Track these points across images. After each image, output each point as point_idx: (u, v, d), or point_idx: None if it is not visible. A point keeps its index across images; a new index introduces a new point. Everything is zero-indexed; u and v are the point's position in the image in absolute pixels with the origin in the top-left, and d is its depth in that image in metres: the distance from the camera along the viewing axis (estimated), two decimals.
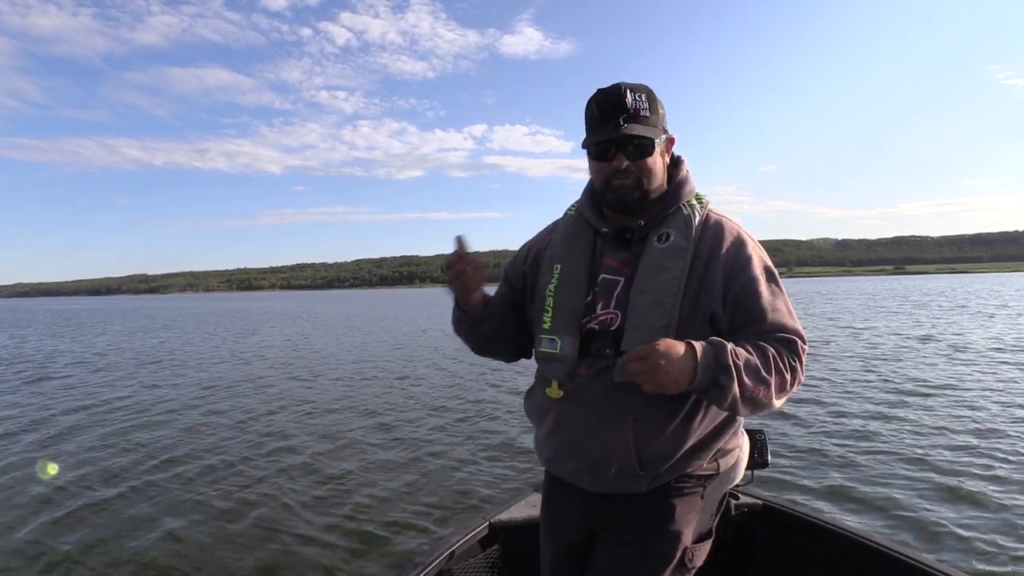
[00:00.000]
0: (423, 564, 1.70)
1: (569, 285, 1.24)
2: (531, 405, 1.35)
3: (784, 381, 1.09)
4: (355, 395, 8.12)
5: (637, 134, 1.14)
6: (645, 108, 1.15)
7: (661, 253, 1.17)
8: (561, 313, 1.22)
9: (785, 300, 1.17)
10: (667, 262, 1.15)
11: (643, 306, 1.14)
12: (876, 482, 4.09)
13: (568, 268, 1.25)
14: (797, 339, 1.13)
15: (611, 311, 1.18)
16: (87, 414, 7.13)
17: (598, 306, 1.20)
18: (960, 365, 9.03)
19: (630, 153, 1.15)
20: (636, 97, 1.15)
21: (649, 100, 1.17)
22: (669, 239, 1.17)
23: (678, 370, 1.00)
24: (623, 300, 1.17)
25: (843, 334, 14.22)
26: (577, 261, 1.25)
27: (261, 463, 4.95)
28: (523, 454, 4.97)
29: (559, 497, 1.33)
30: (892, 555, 1.66)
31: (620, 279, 1.20)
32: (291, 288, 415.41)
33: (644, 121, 1.15)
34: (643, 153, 1.16)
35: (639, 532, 1.21)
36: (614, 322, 1.17)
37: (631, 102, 1.14)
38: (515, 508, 2.07)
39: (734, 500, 1.93)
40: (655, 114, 1.17)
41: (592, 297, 1.21)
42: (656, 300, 1.13)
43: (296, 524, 3.68)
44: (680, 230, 1.18)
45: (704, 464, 1.21)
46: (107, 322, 31.33)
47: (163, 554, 3.32)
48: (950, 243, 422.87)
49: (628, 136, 1.14)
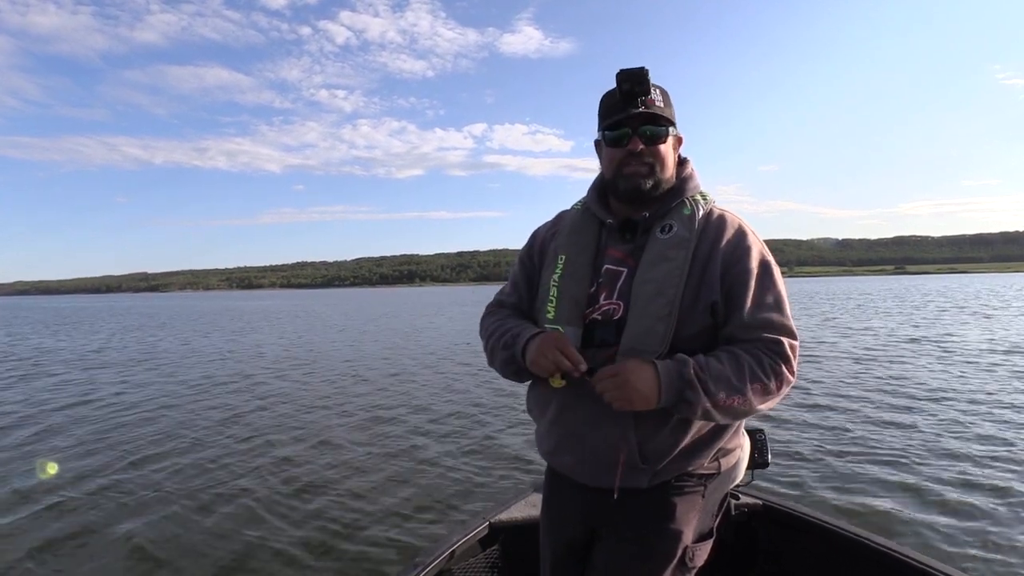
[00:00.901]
0: (423, 564, 1.70)
1: (573, 275, 1.25)
2: (533, 398, 1.35)
3: (765, 387, 1.10)
4: (354, 394, 8.12)
5: (657, 113, 1.18)
6: (660, 101, 1.20)
7: (664, 244, 1.18)
8: (565, 303, 1.24)
9: (777, 294, 1.16)
10: (670, 252, 1.17)
11: (645, 296, 1.15)
12: (876, 482, 4.09)
13: (572, 259, 1.27)
14: (783, 338, 1.13)
15: (614, 301, 1.20)
16: (71, 411, 7.14)
17: (601, 296, 1.21)
18: (960, 365, 9.03)
19: (646, 139, 1.19)
20: (653, 90, 1.19)
21: (663, 96, 1.21)
22: (672, 230, 1.19)
23: (646, 388, 1.06)
24: (626, 290, 1.19)
25: (843, 333, 14.22)
26: (581, 252, 1.27)
27: (257, 463, 4.95)
28: (523, 454, 4.98)
29: (560, 494, 1.34)
30: (892, 555, 1.66)
31: (624, 270, 1.21)
32: (291, 287, 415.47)
33: (659, 111, 1.19)
34: (657, 139, 1.19)
35: (639, 530, 1.21)
36: (617, 312, 1.18)
37: (643, 95, 1.18)
38: (515, 508, 2.07)
39: (734, 500, 1.93)
40: (669, 108, 1.22)
41: (596, 288, 1.23)
42: (658, 290, 1.14)
43: (295, 524, 3.68)
44: (683, 222, 1.19)
45: (705, 463, 1.21)
46: (103, 320, 31.34)
47: (161, 554, 3.32)
48: (951, 243, 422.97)
49: (647, 115, 1.18)
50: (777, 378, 1.10)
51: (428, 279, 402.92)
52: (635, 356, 1.12)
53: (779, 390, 1.11)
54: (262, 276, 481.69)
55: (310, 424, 6.35)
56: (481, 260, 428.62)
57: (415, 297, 74.84)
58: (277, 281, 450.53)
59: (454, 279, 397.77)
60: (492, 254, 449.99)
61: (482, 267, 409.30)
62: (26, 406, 7.57)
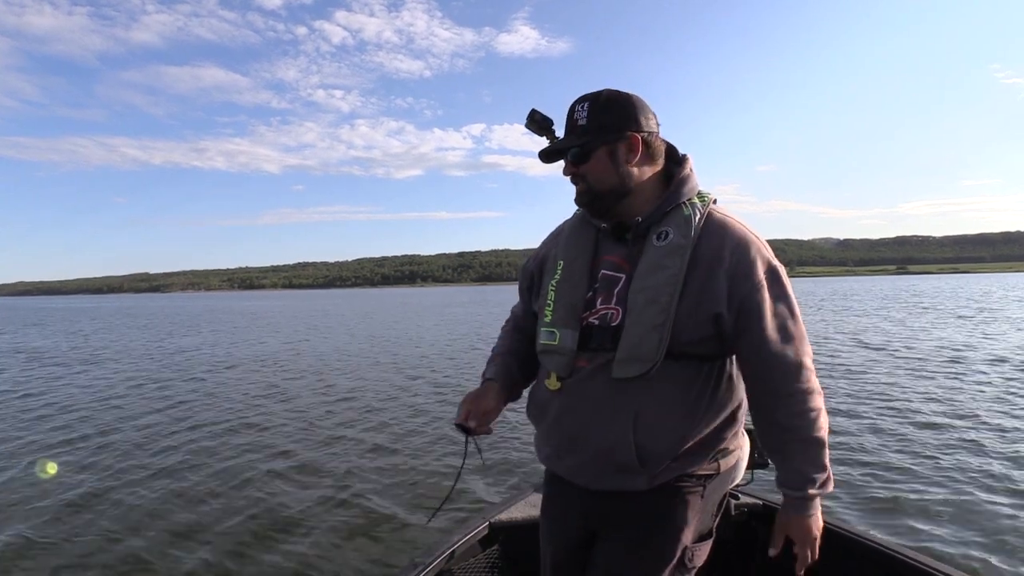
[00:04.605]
0: (423, 564, 1.70)
1: (570, 280, 1.26)
2: (531, 403, 1.35)
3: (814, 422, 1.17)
4: (353, 394, 8.12)
5: (558, 147, 1.24)
6: (584, 118, 1.21)
7: (659, 252, 1.17)
8: (562, 306, 1.25)
9: (789, 304, 1.16)
10: (665, 260, 1.16)
11: (640, 304, 1.15)
12: (876, 482, 4.09)
13: (570, 264, 1.28)
14: (802, 370, 1.16)
15: (612, 307, 1.20)
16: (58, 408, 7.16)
17: (599, 301, 1.21)
18: (960, 367, 9.01)
19: (572, 160, 1.23)
20: (578, 108, 1.22)
21: (592, 108, 1.20)
22: (668, 237, 1.18)
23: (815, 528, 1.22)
24: (624, 296, 1.19)
25: (842, 334, 14.21)
26: (578, 257, 1.28)
27: (255, 463, 4.95)
28: (523, 455, 4.98)
29: (559, 496, 1.34)
30: (893, 555, 1.65)
31: (621, 276, 1.21)
32: (293, 287, 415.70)
33: (580, 131, 1.20)
34: (580, 159, 1.22)
35: (639, 531, 1.21)
36: (615, 317, 1.18)
37: (571, 112, 1.23)
38: (515, 508, 2.07)
39: (734, 500, 1.92)
40: (595, 121, 1.20)
41: (593, 293, 1.23)
42: (652, 298, 1.14)
43: (293, 525, 3.68)
44: (679, 228, 1.18)
45: (705, 464, 1.21)
46: (100, 319, 31.38)
47: (162, 554, 3.33)
48: (952, 243, 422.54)
49: (552, 150, 1.25)
50: (814, 413, 1.17)
51: (430, 279, 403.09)
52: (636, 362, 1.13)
53: (821, 413, 1.18)
54: (263, 276, 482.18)
55: (309, 423, 6.37)
56: (482, 260, 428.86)
57: (419, 297, 74.82)
58: (279, 282, 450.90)
59: (456, 279, 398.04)
60: (493, 254, 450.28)
61: (483, 267, 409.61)
62: None
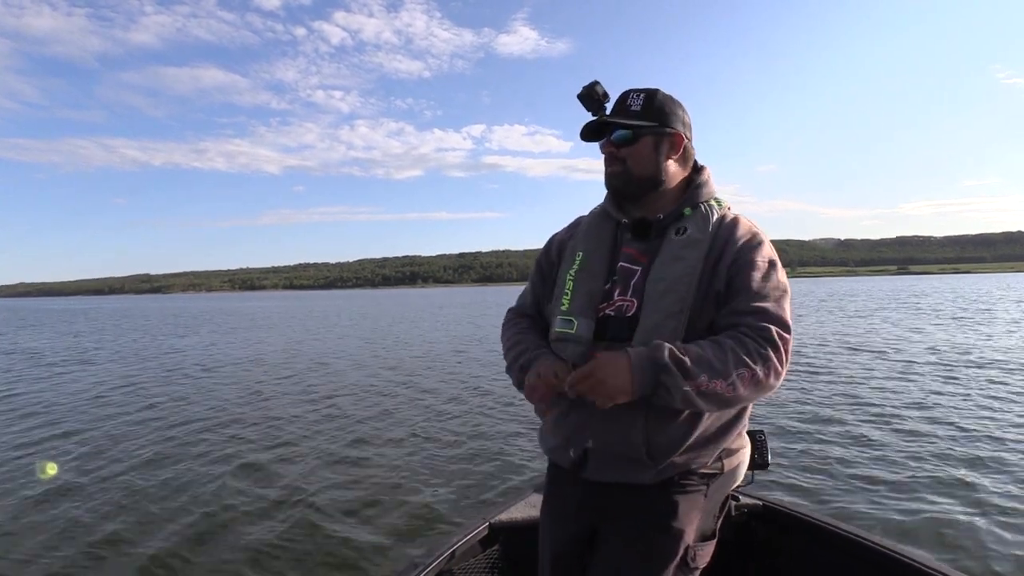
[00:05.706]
0: (423, 564, 1.70)
1: (589, 270, 1.29)
2: None
3: (753, 372, 1.06)
4: (352, 394, 8.14)
5: (613, 121, 1.25)
6: (639, 105, 1.25)
7: (678, 244, 1.22)
8: (579, 296, 1.27)
9: (776, 286, 1.17)
10: (683, 252, 1.20)
11: (658, 293, 1.18)
12: (876, 482, 4.09)
13: (589, 255, 1.31)
14: (773, 326, 1.11)
15: (628, 298, 1.23)
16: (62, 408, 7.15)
17: (615, 293, 1.25)
18: (959, 366, 9.01)
19: (618, 141, 1.26)
20: (633, 95, 1.27)
21: (648, 99, 1.26)
22: (686, 232, 1.23)
23: (620, 379, 1.05)
24: (640, 288, 1.22)
25: (841, 333, 14.22)
26: (598, 249, 1.31)
27: (253, 462, 4.96)
28: (523, 455, 4.98)
29: (561, 489, 1.35)
30: (892, 556, 1.65)
31: (638, 268, 1.25)
32: (294, 288, 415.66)
33: (633, 115, 1.25)
34: (627, 141, 1.25)
35: (641, 527, 1.21)
36: (630, 309, 1.21)
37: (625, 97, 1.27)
38: (515, 508, 2.07)
39: (734, 501, 1.93)
40: (649, 111, 1.25)
41: (610, 284, 1.26)
42: (670, 287, 1.17)
43: (292, 525, 3.69)
44: (697, 225, 1.23)
45: (709, 463, 1.22)
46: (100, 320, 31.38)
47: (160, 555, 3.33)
48: (953, 243, 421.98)
49: (605, 123, 1.26)
50: (764, 364, 1.07)
51: (431, 280, 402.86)
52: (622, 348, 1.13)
53: (768, 378, 1.08)
54: (264, 277, 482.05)
55: (310, 424, 6.37)
56: (483, 261, 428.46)
57: (420, 298, 74.84)
58: (279, 282, 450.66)
59: (457, 280, 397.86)
60: (494, 255, 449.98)
61: (484, 268, 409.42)
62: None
